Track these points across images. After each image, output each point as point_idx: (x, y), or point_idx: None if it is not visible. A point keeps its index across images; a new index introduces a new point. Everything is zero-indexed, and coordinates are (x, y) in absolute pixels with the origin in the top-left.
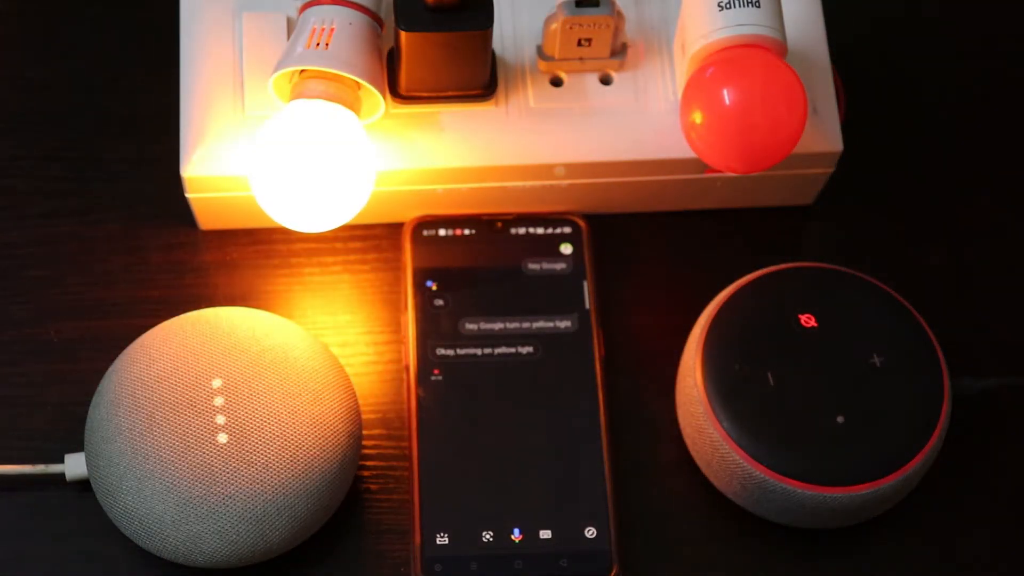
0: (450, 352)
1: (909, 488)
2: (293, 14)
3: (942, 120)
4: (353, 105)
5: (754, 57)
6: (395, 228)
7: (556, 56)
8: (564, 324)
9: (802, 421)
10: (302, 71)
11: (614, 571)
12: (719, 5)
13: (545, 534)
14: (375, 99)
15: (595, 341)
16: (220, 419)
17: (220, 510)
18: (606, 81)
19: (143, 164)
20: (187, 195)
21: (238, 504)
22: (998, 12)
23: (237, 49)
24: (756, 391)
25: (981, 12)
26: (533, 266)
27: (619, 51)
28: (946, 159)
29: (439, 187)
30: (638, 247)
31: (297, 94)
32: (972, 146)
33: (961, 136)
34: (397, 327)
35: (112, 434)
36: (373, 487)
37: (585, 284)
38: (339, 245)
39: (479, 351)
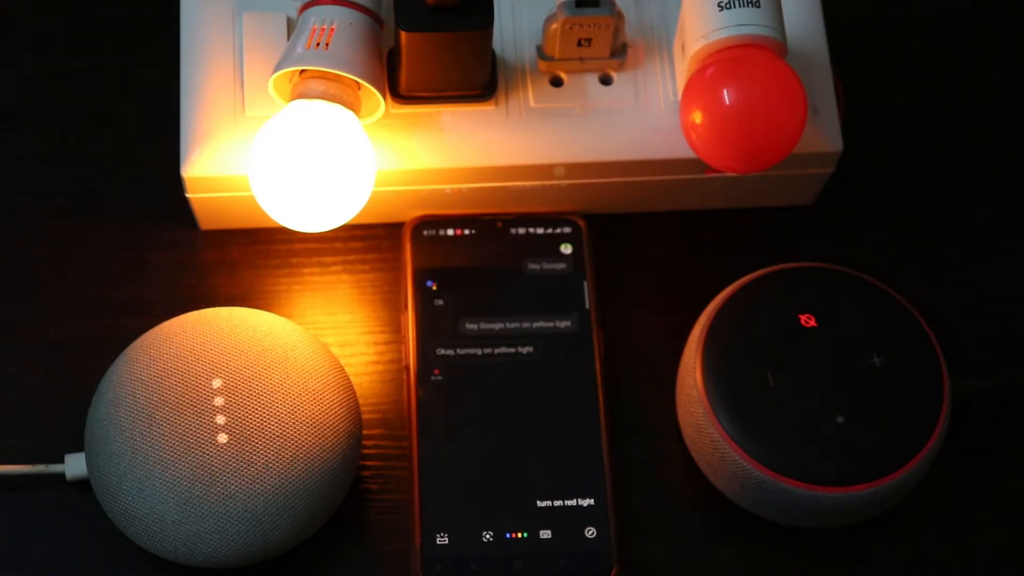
0: (450, 352)
1: (909, 488)
2: (293, 14)
3: (942, 120)
4: (353, 105)
5: (754, 57)
6: (395, 228)
7: (556, 56)
8: (564, 324)
9: (802, 421)
10: (302, 71)
11: (614, 571)
12: (719, 5)
13: (545, 534)
14: (375, 99)
15: (595, 341)
16: (220, 419)
17: (220, 510)
18: (606, 81)
19: (143, 164)
20: (187, 195)
21: (238, 504)
22: (998, 11)
23: (237, 49)
24: (756, 391)
25: (981, 12)
26: (533, 266)
27: (619, 51)
28: (945, 159)
29: (448, 187)
30: (638, 247)
31: (297, 94)
32: (972, 146)
33: (961, 136)
34: (397, 327)
35: (112, 434)
36: (373, 487)
37: (585, 284)
38: (339, 245)
39: (479, 351)
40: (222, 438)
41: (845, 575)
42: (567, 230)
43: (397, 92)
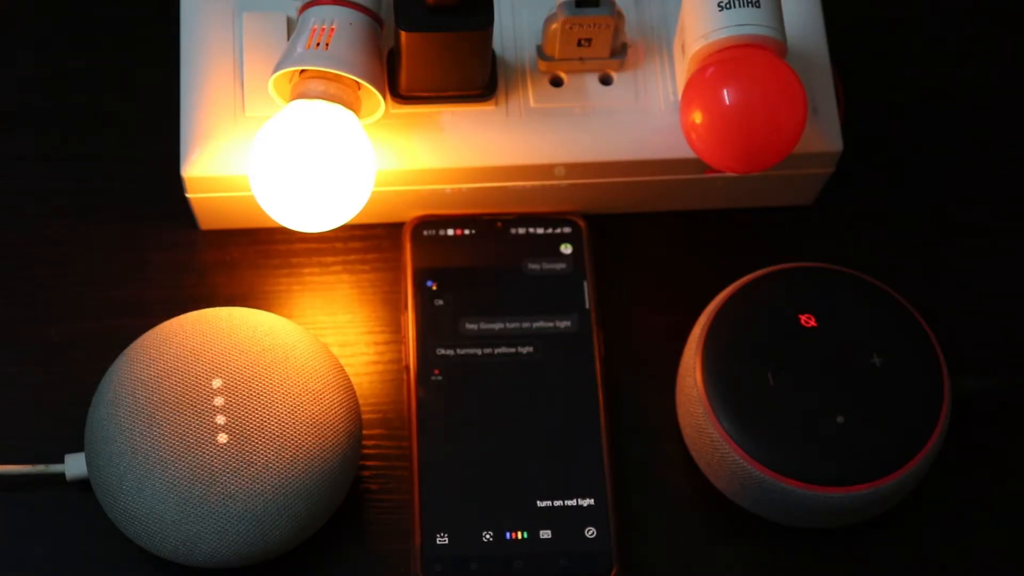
0: (450, 352)
1: (909, 488)
2: (293, 14)
3: (942, 120)
4: (353, 105)
5: (754, 57)
6: (395, 228)
7: (556, 56)
8: (564, 324)
9: (802, 421)
10: (302, 71)
11: (614, 571)
12: (719, 5)
13: (545, 534)
14: (375, 99)
15: (595, 341)
16: (220, 419)
17: (220, 510)
18: (606, 81)
19: (143, 164)
20: (187, 195)
21: (238, 504)
22: (998, 11)
23: (237, 49)
24: (756, 391)
25: (981, 12)
26: (533, 266)
27: (619, 51)
28: (945, 159)
29: (447, 187)
30: (638, 247)
31: (297, 94)
32: (972, 146)
33: (960, 136)
34: (397, 327)
35: (112, 434)
36: (373, 487)
37: (585, 284)
38: (339, 245)
39: (479, 351)
40: (222, 438)
41: (845, 575)
42: (567, 230)
43: (397, 92)
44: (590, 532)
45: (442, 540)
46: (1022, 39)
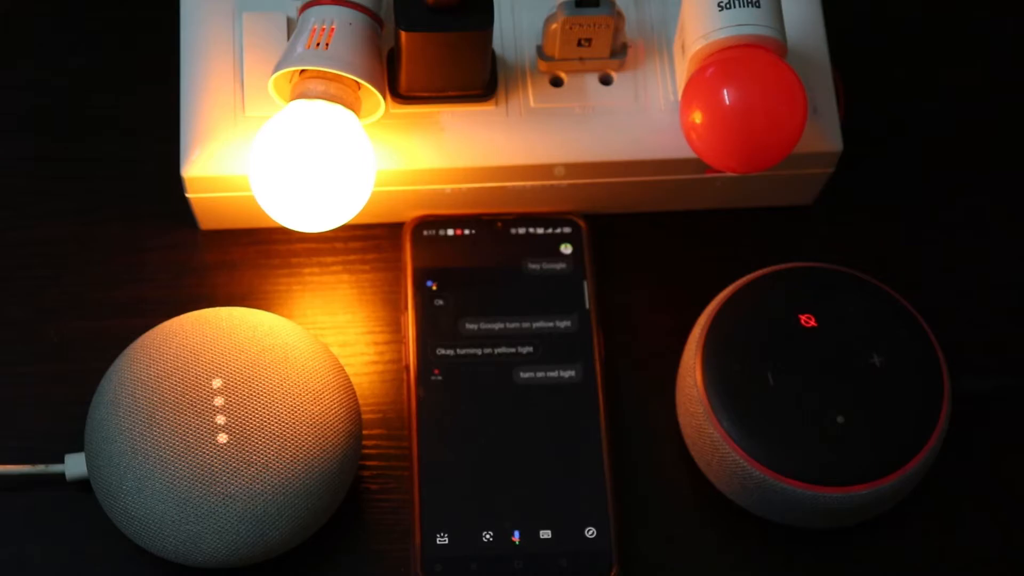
0: (450, 352)
1: (909, 488)
2: (293, 14)
3: (941, 120)
4: (353, 105)
5: (754, 57)
6: (395, 228)
7: (556, 56)
8: (564, 324)
9: (802, 421)
10: (302, 71)
11: (614, 571)
12: (719, 5)
13: (545, 534)
14: (375, 99)
15: (595, 341)
16: (220, 419)
17: (220, 510)
18: (606, 81)
19: (143, 164)
20: (187, 195)
21: (238, 504)
22: (998, 11)
23: (237, 49)
24: (756, 391)
25: (981, 12)
26: (533, 266)
27: (619, 51)
28: (945, 159)
29: (447, 187)
30: (638, 247)
31: (297, 94)
32: (971, 146)
33: (960, 136)
34: (397, 327)
35: (112, 434)
36: (373, 487)
37: (585, 284)
38: (339, 245)
39: (479, 351)
40: (222, 438)
41: (845, 575)
42: (567, 230)
43: (397, 92)
44: (590, 532)
45: (442, 540)
46: (1022, 39)
